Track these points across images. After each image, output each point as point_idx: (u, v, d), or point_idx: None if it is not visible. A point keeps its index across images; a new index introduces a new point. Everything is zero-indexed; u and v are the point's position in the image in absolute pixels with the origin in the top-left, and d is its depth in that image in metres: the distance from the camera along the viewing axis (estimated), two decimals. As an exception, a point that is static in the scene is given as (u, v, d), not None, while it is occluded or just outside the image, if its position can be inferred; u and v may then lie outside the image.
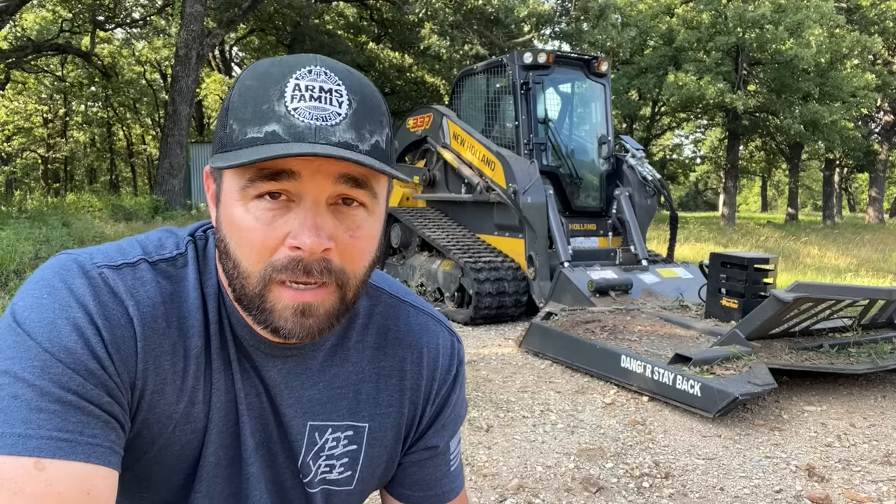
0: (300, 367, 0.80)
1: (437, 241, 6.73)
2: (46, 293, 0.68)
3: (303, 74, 0.68)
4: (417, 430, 0.90)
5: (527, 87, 6.70)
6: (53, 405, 0.63)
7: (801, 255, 13.50)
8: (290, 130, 0.66)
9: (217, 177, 0.73)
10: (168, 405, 0.73)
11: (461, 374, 0.93)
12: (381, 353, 0.86)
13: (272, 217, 0.67)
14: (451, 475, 0.94)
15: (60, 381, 0.64)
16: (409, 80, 23.84)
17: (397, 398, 0.87)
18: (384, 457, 0.88)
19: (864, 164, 26.67)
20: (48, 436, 0.62)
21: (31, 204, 14.79)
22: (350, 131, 0.67)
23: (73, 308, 0.67)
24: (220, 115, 0.72)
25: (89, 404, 0.65)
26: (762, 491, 2.67)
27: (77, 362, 0.65)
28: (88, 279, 0.70)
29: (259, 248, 0.68)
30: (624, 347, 4.08)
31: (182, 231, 0.82)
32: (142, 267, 0.73)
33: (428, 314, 0.91)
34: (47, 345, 0.64)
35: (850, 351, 3.96)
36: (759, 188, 52.15)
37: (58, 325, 0.66)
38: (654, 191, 6.71)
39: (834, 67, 18.86)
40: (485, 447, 3.07)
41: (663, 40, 20.98)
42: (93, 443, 0.64)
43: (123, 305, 0.70)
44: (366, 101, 0.70)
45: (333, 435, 0.83)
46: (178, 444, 0.75)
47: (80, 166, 33.97)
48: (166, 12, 20.06)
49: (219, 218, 0.73)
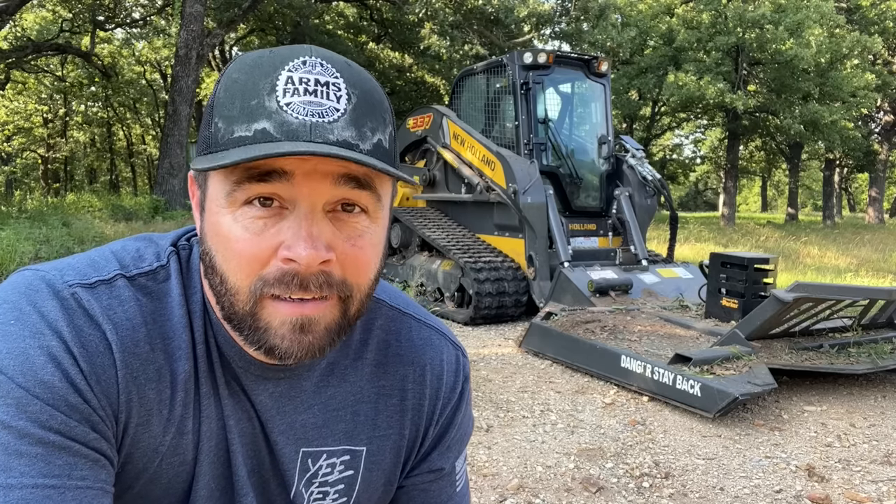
0: (293, 390, 0.73)
1: (437, 241, 6.73)
2: (13, 318, 0.60)
3: (296, 66, 0.61)
4: (419, 453, 0.84)
5: (527, 87, 6.70)
6: (35, 448, 0.56)
7: (801, 255, 13.50)
8: (282, 128, 0.58)
9: (202, 182, 0.66)
10: (154, 437, 0.66)
11: (467, 392, 0.86)
12: (381, 370, 0.79)
13: (262, 226, 0.60)
14: (457, 496, 0.88)
15: (40, 419, 0.57)
16: (409, 80, 23.86)
17: (398, 419, 0.80)
18: (382, 480, 0.81)
19: (864, 164, 26.68)
20: (32, 483, 0.55)
21: (31, 204, 14.79)
22: (350, 128, 0.60)
23: (46, 335, 0.59)
24: (205, 113, 0.64)
25: (74, 443, 0.58)
26: (762, 491, 2.67)
27: (56, 397, 0.58)
28: (60, 300, 0.62)
29: (248, 261, 0.61)
30: (624, 347, 4.08)
31: (163, 239, 0.74)
32: (119, 284, 0.65)
33: (431, 327, 0.85)
34: (20, 379, 0.57)
35: (850, 351, 3.96)
36: (759, 188, 52.16)
37: (30, 356, 0.58)
38: (654, 191, 6.71)
39: (834, 67, 18.87)
40: (485, 447, 3.07)
41: (663, 40, 20.99)
42: (83, 486, 0.58)
43: (101, 329, 0.62)
44: (367, 95, 0.63)
45: (328, 461, 0.77)
46: (166, 477, 0.69)
47: (80, 166, 33.97)
48: (166, 12, 20.07)
49: (203, 228, 0.65)
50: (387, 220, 0.68)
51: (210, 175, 0.64)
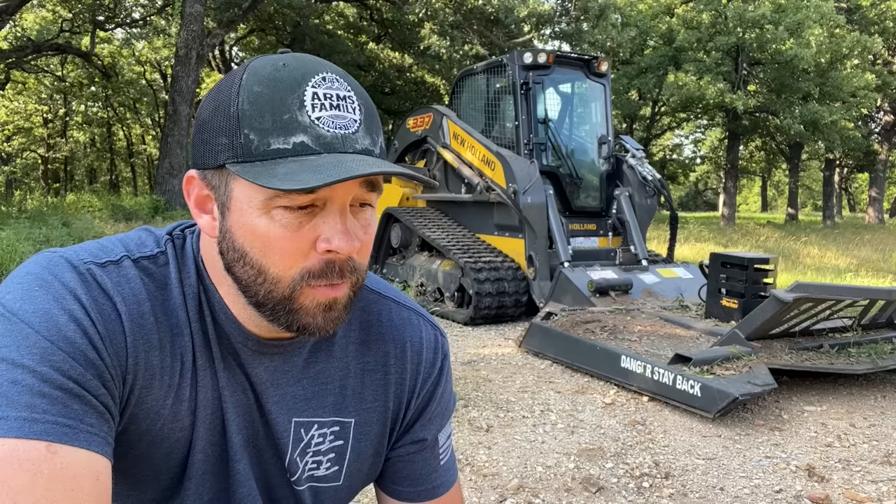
0: (286, 365, 0.81)
1: (437, 241, 6.73)
2: (38, 286, 0.68)
3: (318, 82, 0.68)
4: (403, 424, 0.91)
5: (527, 87, 6.70)
6: (55, 391, 0.63)
7: (801, 255, 13.50)
8: (318, 141, 0.66)
9: (218, 184, 0.70)
10: (156, 400, 0.73)
11: (446, 368, 0.94)
12: (365, 348, 0.87)
13: (299, 223, 0.68)
14: (442, 469, 0.94)
15: (62, 368, 0.64)
16: (409, 80, 23.84)
17: (382, 392, 0.88)
18: (371, 451, 0.89)
19: (864, 164, 26.68)
20: (54, 421, 0.62)
21: (31, 204, 14.77)
22: (367, 137, 0.70)
23: (68, 299, 0.67)
24: (223, 121, 0.68)
25: (88, 394, 0.65)
26: (762, 491, 2.67)
27: (77, 351, 0.65)
28: (78, 273, 0.70)
29: (291, 254, 0.69)
30: (624, 347, 4.08)
31: (160, 230, 0.82)
32: (125, 264, 0.74)
33: (410, 309, 0.92)
34: (46, 333, 0.64)
35: (850, 351, 3.95)
36: (759, 188, 52.14)
37: (54, 315, 0.66)
38: (654, 191, 6.71)
39: (834, 67, 18.87)
40: (485, 447, 3.07)
41: (663, 40, 21.00)
42: (92, 431, 0.64)
43: (112, 301, 0.70)
44: (369, 105, 0.72)
45: (319, 431, 0.84)
46: (167, 441, 0.76)
47: (80, 166, 33.95)
48: (166, 12, 20.07)
49: (228, 227, 0.70)
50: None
51: (237, 180, 0.69)
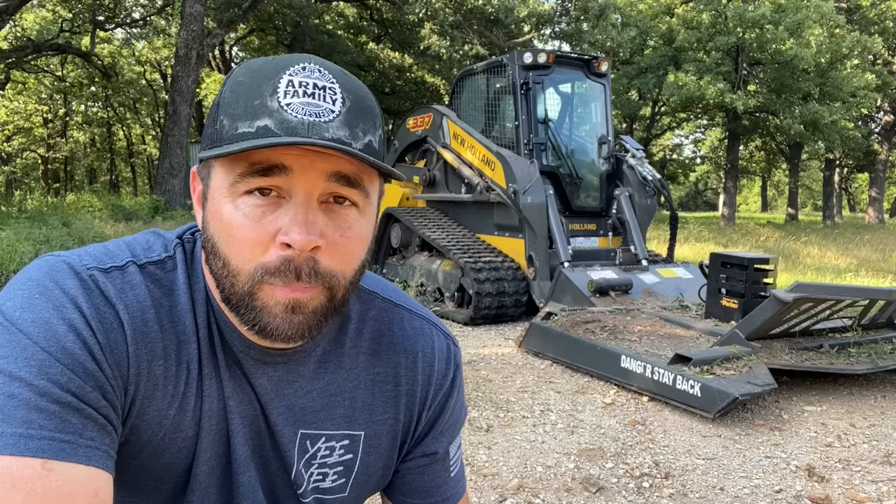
0: (292, 375, 0.78)
1: (437, 241, 6.73)
2: (38, 293, 0.66)
3: (297, 71, 0.67)
4: (414, 437, 0.88)
5: (527, 87, 6.70)
6: (53, 406, 0.61)
7: (801, 255, 13.50)
8: (282, 125, 0.64)
9: (205, 175, 0.71)
10: (158, 411, 0.71)
11: (458, 379, 0.90)
12: (376, 358, 0.84)
13: (262, 213, 0.66)
14: (452, 481, 0.92)
15: (59, 381, 0.62)
16: (409, 80, 23.84)
17: (393, 404, 0.85)
18: (380, 464, 0.86)
19: (864, 164, 26.68)
20: (50, 437, 0.60)
21: (31, 204, 14.77)
22: (343, 129, 0.66)
23: (68, 308, 0.65)
24: (211, 112, 0.70)
25: (87, 407, 0.63)
26: (762, 491, 2.67)
27: (75, 363, 0.63)
28: (80, 280, 0.68)
29: (249, 244, 0.66)
30: (624, 347, 4.07)
31: (170, 234, 0.79)
32: (130, 270, 0.71)
33: (423, 318, 0.89)
34: (44, 344, 0.62)
35: (850, 351, 3.95)
36: (759, 188, 52.14)
37: (53, 325, 0.64)
38: (654, 191, 6.70)
39: (834, 67, 18.87)
40: (485, 447, 3.07)
41: (663, 40, 20.99)
42: (92, 446, 0.62)
43: (114, 309, 0.68)
44: (359, 101, 0.69)
45: (328, 444, 0.81)
46: (169, 452, 0.73)
47: (80, 166, 33.96)
48: (166, 12, 20.05)
49: (206, 217, 0.71)
50: (374, 215, 0.74)
51: (214, 168, 0.69)
